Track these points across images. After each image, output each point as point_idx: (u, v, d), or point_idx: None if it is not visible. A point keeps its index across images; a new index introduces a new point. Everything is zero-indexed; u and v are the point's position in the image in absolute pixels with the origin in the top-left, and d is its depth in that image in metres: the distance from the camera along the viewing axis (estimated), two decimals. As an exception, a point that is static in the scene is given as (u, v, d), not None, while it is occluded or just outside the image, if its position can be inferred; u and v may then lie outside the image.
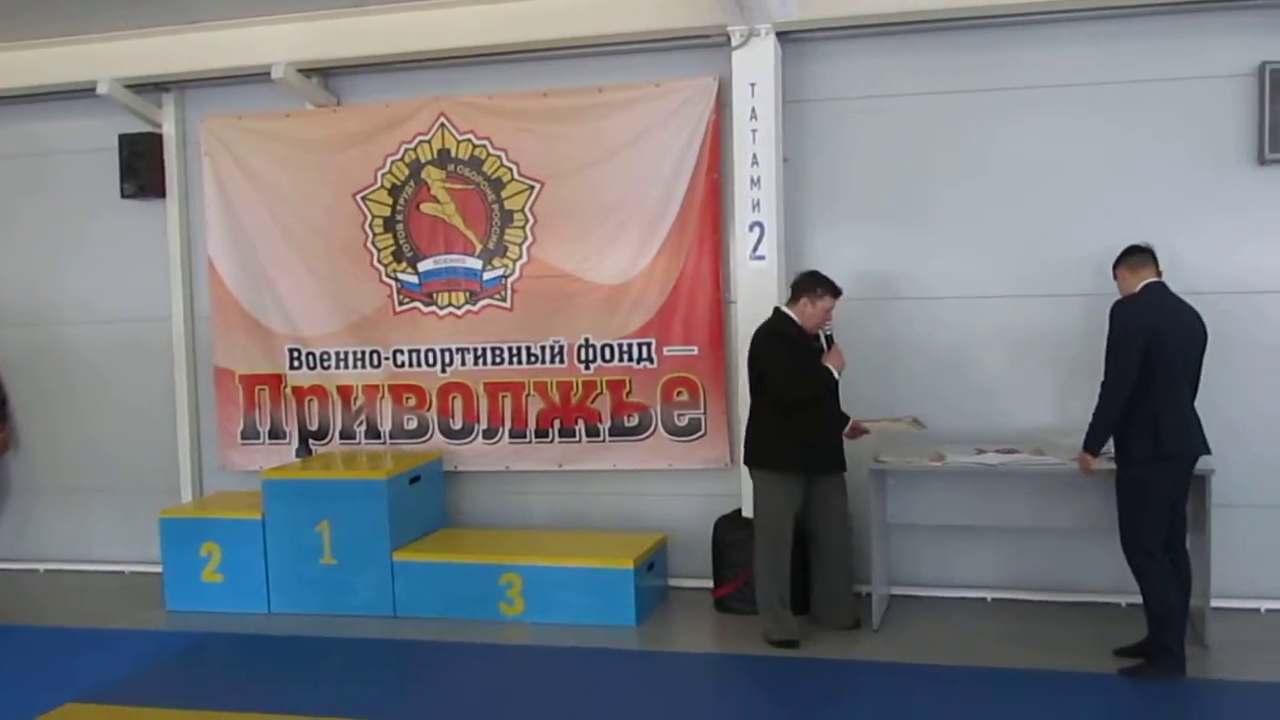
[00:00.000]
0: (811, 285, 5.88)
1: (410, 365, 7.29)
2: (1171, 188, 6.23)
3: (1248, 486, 6.09)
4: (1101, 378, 5.27)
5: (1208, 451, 5.30)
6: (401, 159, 7.21)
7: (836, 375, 5.84)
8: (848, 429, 6.11)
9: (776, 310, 6.07)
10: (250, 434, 7.58)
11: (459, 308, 7.21)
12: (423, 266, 7.24)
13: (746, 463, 6.06)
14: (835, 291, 5.89)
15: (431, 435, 7.30)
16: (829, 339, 5.97)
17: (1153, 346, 5.12)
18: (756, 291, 6.52)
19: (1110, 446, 5.38)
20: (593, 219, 6.91)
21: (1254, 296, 6.15)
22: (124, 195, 7.65)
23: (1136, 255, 5.36)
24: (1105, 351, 5.26)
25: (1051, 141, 6.37)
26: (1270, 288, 6.15)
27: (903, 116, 6.57)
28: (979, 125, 6.48)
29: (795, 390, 5.79)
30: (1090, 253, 6.06)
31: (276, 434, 7.54)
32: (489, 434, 7.20)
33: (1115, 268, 5.43)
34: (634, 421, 6.98)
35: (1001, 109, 6.44)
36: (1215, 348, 5.38)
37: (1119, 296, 5.39)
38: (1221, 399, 5.58)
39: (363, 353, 7.35)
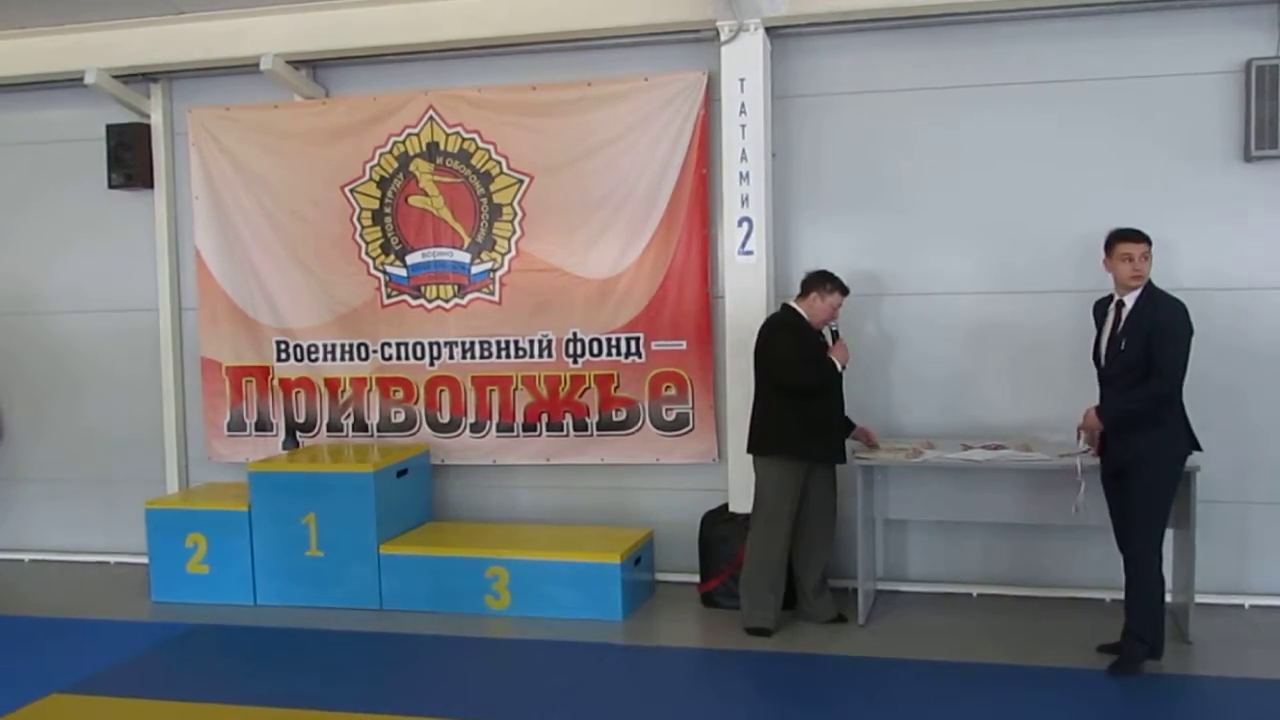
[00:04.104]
0: (822, 281, 5.99)
1: (398, 358, 7.28)
2: (1158, 184, 6.24)
3: (1232, 483, 6.12)
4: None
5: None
6: (390, 151, 7.19)
7: (840, 367, 5.94)
8: (855, 433, 6.19)
9: (784, 305, 6.14)
10: (237, 426, 7.57)
11: (447, 301, 7.20)
12: (411, 259, 7.23)
13: (751, 450, 6.06)
14: (844, 289, 6.02)
15: (419, 428, 7.28)
16: (835, 334, 6.06)
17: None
18: (744, 287, 6.55)
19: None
20: (581, 213, 6.91)
21: (1240, 293, 6.17)
22: (111, 185, 7.61)
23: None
24: (1160, 348, 5.06)
25: (1039, 137, 6.39)
26: (1256, 284, 6.18)
27: (890, 112, 6.58)
28: (966, 121, 6.49)
29: (801, 377, 5.87)
30: (1075, 248, 6.09)
31: (263, 426, 7.53)
32: (476, 427, 7.20)
33: (1116, 248, 5.24)
34: (621, 416, 6.98)
35: (989, 104, 6.45)
36: (1201, 344, 5.31)
37: (1104, 289, 5.38)
38: (1207, 395, 5.59)
39: (350, 345, 7.34)
